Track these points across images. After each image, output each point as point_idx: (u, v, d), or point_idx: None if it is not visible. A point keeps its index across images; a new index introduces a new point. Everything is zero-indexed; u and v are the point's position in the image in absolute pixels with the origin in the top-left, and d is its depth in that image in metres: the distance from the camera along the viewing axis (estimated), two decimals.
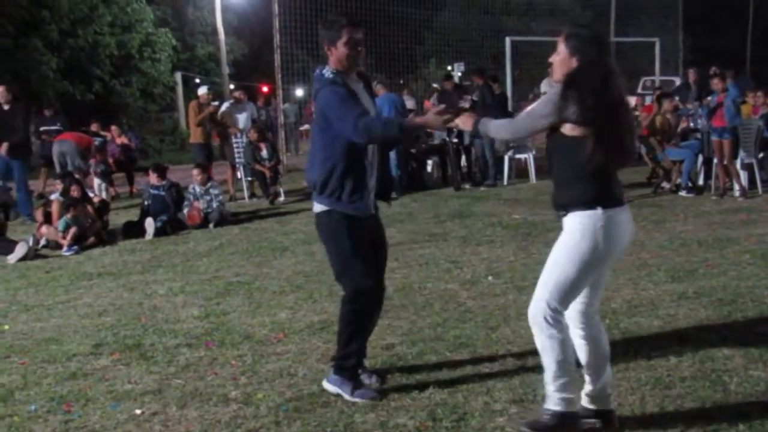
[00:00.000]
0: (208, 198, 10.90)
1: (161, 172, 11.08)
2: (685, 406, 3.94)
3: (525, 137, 3.75)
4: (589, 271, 3.58)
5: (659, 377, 4.33)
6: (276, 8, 16.89)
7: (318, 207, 4.30)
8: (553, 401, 3.68)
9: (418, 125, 4.34)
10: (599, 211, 3.54)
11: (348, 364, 4.34)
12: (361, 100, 4.22)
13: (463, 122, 3.98)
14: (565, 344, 3.63)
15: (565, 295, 3.60)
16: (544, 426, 3.69)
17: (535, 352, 4.83)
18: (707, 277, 6.51)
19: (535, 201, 11.30)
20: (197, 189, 10.96)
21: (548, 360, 3.65)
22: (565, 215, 3.64)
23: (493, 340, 5.14)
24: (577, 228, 3.58)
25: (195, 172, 11.20)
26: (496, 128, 3.90)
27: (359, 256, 4.22)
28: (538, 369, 4.55)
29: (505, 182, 13.61)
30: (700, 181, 11.89)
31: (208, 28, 30.19)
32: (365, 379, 4.45)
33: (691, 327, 5.22)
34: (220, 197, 11.10)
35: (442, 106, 4.55)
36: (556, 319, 3.61)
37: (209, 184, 11.04)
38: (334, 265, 4.34)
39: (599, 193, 3.57)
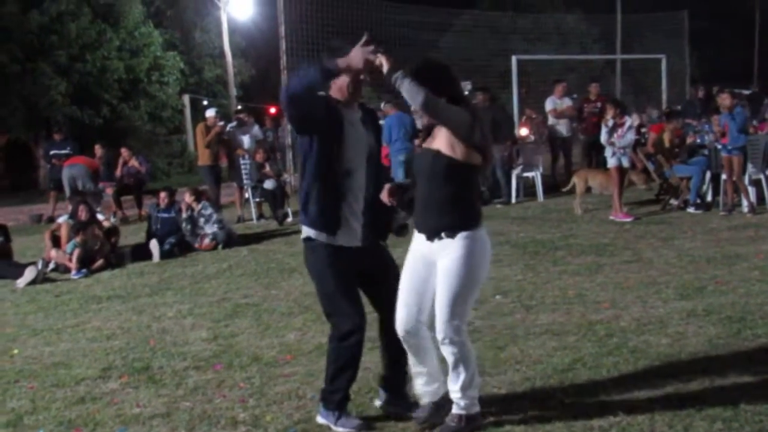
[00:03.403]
0: (202, 220, 10.83)
1: (172, 195, 11.13)
2: (694, 425, 3.91)
3: (434, 120, 3.82)
4: (479, 284, 4.01)
5: (668, 395, 4.31)
6: (282, 30, 16.99)
7: (303, 232, 4.16)
8: (464, 406, 3.97)
9: (339, 64, 3.84)
10: (481, 231, 3.97)
11: (334, 398, 4.17)
12: (352, 127, 4.03)
13: (386, 60, 3.83)
14: (472, 352, 4.02)
15: (466, 311, 3.99)
16: (458, 429, 3.97)
17: (543, 371, 4.82)
18: (716, 294, 6.49)
19: (542, 219, 11.28)
20: (191, 212, 10.88)
21: (466, 369, 3.95)
22: (443, 238, 3.93)
23: (501, 359, 5.12)
24: (467, 249, 3.90)
25: (186, 195, 11.16)
26: (413, 92, 3.78)
27: (343, 293, 4.05)
28: (548, 388, 4.54)
29: (513, 200, 13.60)
30: (708, 198, 11.85)
31: (216, 51, 30.31)
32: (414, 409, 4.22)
33: (701, 345, 5.19)
34: (215, 216, 10.93)
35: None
36: (465, 333, 3.97)
37: (200, 206, 10.90)
38: (321, 303, 4.19)
39: (477, 214, 4.00)
